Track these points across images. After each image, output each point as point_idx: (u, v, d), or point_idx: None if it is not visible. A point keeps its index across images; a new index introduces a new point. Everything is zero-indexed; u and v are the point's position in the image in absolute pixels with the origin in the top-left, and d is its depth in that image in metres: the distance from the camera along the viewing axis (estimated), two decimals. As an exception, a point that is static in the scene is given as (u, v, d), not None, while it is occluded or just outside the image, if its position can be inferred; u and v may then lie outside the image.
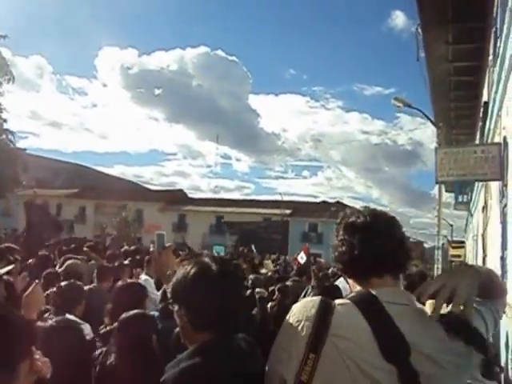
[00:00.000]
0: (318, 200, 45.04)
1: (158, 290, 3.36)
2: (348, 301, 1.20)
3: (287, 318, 1.22)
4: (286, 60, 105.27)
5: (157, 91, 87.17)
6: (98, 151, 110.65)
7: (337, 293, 2.88)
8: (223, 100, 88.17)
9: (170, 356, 1.32)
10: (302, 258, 9.27)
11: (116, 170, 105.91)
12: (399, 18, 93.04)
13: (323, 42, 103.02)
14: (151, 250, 2.93)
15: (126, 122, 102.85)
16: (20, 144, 27.71)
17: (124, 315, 2.48)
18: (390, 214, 1.35)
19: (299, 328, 1.16)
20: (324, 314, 1.16)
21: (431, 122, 11.94)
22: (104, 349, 2.46)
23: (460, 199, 14.48)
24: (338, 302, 1.20)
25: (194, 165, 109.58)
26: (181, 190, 47.41)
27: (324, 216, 34.01)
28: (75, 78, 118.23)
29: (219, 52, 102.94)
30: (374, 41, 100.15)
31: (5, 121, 24.57)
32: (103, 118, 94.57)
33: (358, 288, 1.27)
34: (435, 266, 10.39)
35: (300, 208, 36.83)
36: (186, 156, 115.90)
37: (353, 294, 1.24)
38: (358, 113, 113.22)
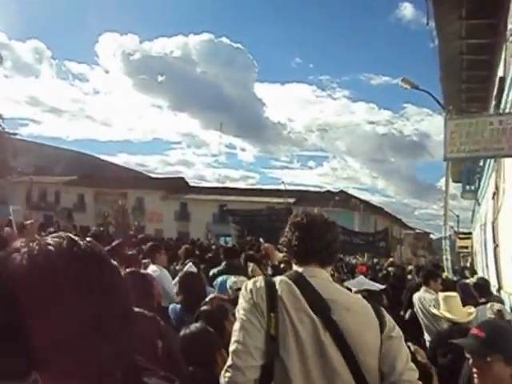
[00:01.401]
0: (322, 190, 44.53)
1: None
2: (283, 277, 1.63)
3: (243, 295, 1.57)
4: (292, 48, 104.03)
5: (160, 78, 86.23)
6: (101, 139, 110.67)
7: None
8: (228, 88, 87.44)
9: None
10: None
11: (120, 159, 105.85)
12: (407, 10, 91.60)
13: (330, 31, 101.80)
14: (6, 229, 2.37)
15: (128, 109, 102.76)
16: (20, 131, 27.24)
17: None
18: (329, 219, 1.75)
19: (259, 296, 1.52)
20: (270, 286, 1.56)
21: (439, 104, 11.34)
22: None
23: (467, 188, 13.95)
24: (276, 278, 1.62)
25: (198, 154, 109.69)
26: (182, 178, 46.86)
27: (328, 205, 33.61)
28: (75, 63, 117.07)
29: (224, 39, 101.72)
30: (381, 31, 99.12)
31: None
32: (105, 105, 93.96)
33: (298, 268, 1.68)
34: (444, 256, 9.83)
35: (304, 197, 36.44)
36: (190, 145, 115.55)
37: (286, 274, 1.68)
38: (365, 102, 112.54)
